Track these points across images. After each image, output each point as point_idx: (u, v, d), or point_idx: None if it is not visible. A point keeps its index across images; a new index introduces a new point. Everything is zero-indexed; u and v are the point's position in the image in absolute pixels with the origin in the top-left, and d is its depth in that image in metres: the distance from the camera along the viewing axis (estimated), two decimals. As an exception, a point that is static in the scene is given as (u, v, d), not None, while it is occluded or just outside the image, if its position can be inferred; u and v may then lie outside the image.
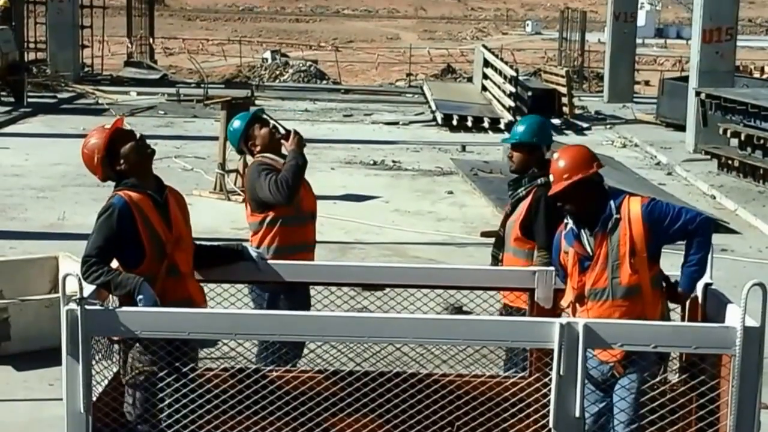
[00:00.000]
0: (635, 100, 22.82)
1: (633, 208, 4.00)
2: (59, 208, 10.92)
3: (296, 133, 5.16)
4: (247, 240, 5.20)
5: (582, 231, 4.06)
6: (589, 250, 4.02)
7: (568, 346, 3.38)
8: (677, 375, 4.01)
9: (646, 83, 28.30)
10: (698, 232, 3.98)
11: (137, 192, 4.05)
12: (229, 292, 4.48)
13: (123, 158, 4.09)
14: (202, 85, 21.40)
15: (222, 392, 3.65)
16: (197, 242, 4.37)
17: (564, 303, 4.12)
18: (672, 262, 4.23)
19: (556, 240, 4.23)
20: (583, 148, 4.19)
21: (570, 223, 4.11)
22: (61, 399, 3.55)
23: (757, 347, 3.40)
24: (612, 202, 4.03)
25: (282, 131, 5.27)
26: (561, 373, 3.39)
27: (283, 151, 5.17)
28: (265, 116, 5.42)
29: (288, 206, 5.01)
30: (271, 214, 5.05)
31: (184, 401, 3.60)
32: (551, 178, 4.09)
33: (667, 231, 3.99)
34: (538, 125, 5.13)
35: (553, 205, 4.21)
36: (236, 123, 5.31)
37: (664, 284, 4.08)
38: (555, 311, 4.13)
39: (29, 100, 19.25)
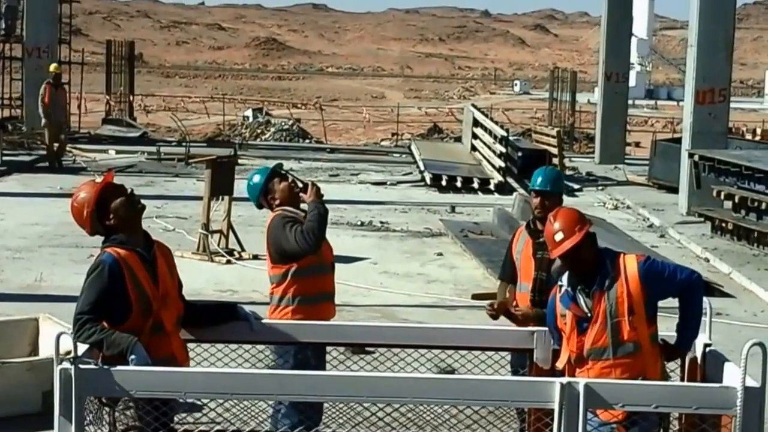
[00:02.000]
0: (627, 161, 23.15)
1: (629, 265, 4.16)
2: (36, 269, 10.95)
3: (314, 184, 5.39)
4: (235, 301, 5.31)
5: (577, 293, 4.19)
6: (586, 310, 4.15)
7: (569, 406, 3.48)
8: (678, 437, 4.10)
9: (637, 144, 28.73)
10: (692, 291, 4.18)
11: (125, 249, 4.13)
12: (222, 352, 4.55)
13: (112, 213, 4.18)
14: (184, 144, 21.58)
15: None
16: (189, 300, 4.46)
17: (560, 365, 4.23)
18: (667, 325, 4.35)
19: (550, 304, 4.35)
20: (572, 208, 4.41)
21: (564, 285, 4.24)
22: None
23: (758, 407, 3.50)
24: (607, 261, 4.18)
25: (300, 185, 5.46)
26: (562, 433, 3.48)
27: (302, 205, 5.38)
28: (283, 171, 5.62)
29: (313, 255, 5.20)
30: (295, 265, 5.25)
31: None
32: (560, 235, 4.20)
33: (663, 288, 4.16)
34: (558, 175, 5.74)
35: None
36: (256, 178, 5.50)
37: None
38: (554, 372, 4.22)
39: (4, 158, 19.35)
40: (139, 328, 4.02)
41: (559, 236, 4.20)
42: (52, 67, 20.03)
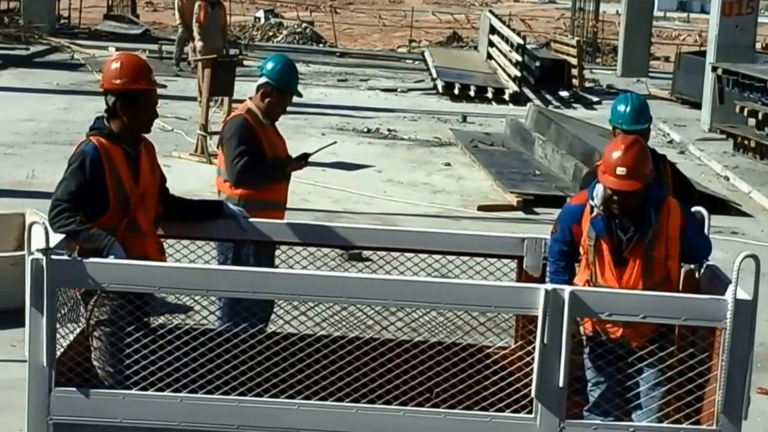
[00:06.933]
0: (650, 74, 22.87)
1: (673, 215, 4.16)
2: (29, 166, 10.99)
3: (305, 163, 5.44)
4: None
5: (613, 223, 4.12)
6: (622, 247, 4.12)
7: (553, 313, 3.49)
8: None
9: (666, 59, 28.22)
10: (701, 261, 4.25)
11: (111, 142, 4.11)
12: (203, 249, 4.58)
13: (130, 113, 4.11)
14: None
15: (191, 350, 3.75)
16: (175, 196, 4.46)
17: (579, 282, 4.17)
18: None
19: (574, 210, 4.25)
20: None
21: (596, 204, 4.14)
22: (24, 360, 3.63)
23: (749, 321, 3.51)
24: (651, 210, 4.12)
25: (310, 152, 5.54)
26: (545, 341, 3.50)
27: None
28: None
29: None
30: None
31: (142, 352, 3.71)
32: (622, 170, 4.02)
33: (690, 245, 4.21)
34: (645, 101, 4.88)
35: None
36: (286, 65, 5.45)
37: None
38: (543, 279, 4.23)
39: (0, 52, 19.26)
40: (115, 225, 4.03)
41: (620, 170, 4.02)
42: None
